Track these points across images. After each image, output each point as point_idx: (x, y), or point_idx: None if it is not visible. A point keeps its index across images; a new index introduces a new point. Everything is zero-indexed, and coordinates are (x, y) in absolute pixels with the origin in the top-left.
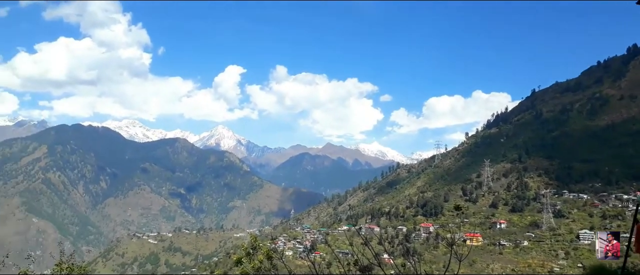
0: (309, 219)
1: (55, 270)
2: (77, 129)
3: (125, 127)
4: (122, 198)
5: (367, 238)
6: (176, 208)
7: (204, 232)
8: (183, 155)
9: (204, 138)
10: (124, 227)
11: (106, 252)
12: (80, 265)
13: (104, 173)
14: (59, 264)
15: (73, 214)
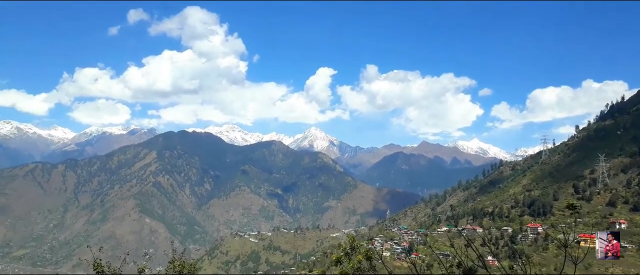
0: (406, 220)
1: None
2: (182, 135)
3: (225, 132)
4: (225, 199)
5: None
6: (274, 208)
7: (301, 232)
8: (279, 157)
9: (297, 140)
10: (227, 227)
11: (211, 251)
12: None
13: (208, 175)
14: (172, 262)
15: (181, 215)
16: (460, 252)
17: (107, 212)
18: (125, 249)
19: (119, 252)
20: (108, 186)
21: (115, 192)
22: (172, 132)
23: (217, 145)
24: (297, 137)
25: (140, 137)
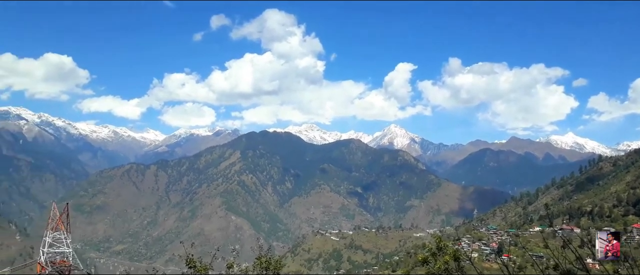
0: (495, 220)
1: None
2: (263, 135)
3: (304, 131)
4: (306, 197)
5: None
6: (355, 207)
7: (383, 231)
8: (358, 155)
9: (377, 138)
10: (309, 225)
11: (294, 248)
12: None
13: (289, 174)
14: (259, 258)
15: (264, 212)
16: (557, 253)
17: (195, 209)
18: (213, 245)
19: (208, 248)
20: (196, 185)
21: (202, 191)
22: (254, 132)
23: (297, 145)
24: (377, 135)
25: (224, 138)
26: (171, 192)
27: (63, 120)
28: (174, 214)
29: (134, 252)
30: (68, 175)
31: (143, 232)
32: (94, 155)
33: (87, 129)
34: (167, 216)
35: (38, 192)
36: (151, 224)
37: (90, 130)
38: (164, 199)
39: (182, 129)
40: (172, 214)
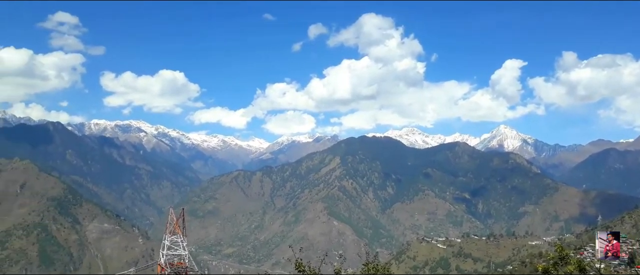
0: (624, 227)
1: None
2: (363, 140)
3: (405, 135)
4: (408, 203)
5: None
6: (462, 213)
7: (494, 239)
8: (464, 159)
9: (484, 140)
10: (413, 231)
11: (398, 255)
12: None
13: (390, 179)
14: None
15: (366, 218)
16: None
17: (299, 214)
18: (316, 250)
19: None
20: (299, 190)
21: (305, 196)
22: (353, 137)
23: (398, 149)
24: (484, 137)
25: (324, 144)
26: (276, 197)
27: (177, 132)
28: (279, 218)
29: (243, 255)
30: (183, 182)
31: (251, 235)
32: (205, 163)
33: (199, 138)
34: (273, 221)
35: (157, 198)
36: (258, 228)
37: (201, 140)
38: (270, 204)
39: (284, 137)
40: (277, 219)
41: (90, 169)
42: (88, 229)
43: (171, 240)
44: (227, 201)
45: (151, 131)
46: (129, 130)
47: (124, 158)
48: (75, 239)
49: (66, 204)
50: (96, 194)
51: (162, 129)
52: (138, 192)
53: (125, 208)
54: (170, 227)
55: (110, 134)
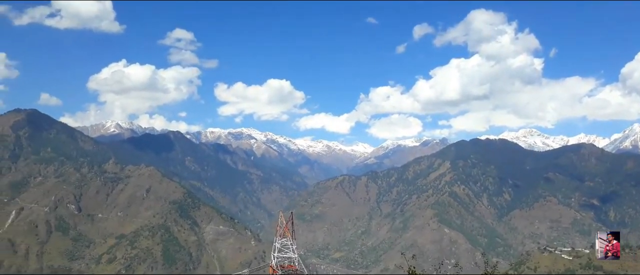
0: None
1: None
2: (475, 143)
3: (522, 137)
4: (528, 210)
5: None
6: (590, 221)
7: (630, 251)
8: (591, 162)
9: (615, 141)
10: (533, 240)
11: (517, 265)
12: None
13: (506, 185)
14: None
15: (480, 226)
16: None
17: (407, 221)
18: (427, 258)
19: (421, 261)
20: (406, 196)
21: (413, 202)
22: (464, 140)
23: (514, 152)
24: (615, 138)
25: (432, 148)
26: (382, 202)
27: (284, 138)
28: (386, 224)
29: (350, 260)
30: (290, 187)
31: (358, 241)
32: (311, 167)
33: (305, 144)
34: (380, 226)
35: (267, 201)
36: (365, 234)
37: (307, 145)
38: (376, 210)
39: (389, 141)
40: (384, 225)
41: (207, 174)
42: (205, 231)
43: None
44: (333, 206)
45: (261, 138)
46: (241, 138)
47: (236, 163)
48: (194, 240)
49: (186, 207)
50: (212, 198)
51: (271, 135)
52: (250, 195)
53: (238, 211)
54: (280, 230)
55: (224, 141)
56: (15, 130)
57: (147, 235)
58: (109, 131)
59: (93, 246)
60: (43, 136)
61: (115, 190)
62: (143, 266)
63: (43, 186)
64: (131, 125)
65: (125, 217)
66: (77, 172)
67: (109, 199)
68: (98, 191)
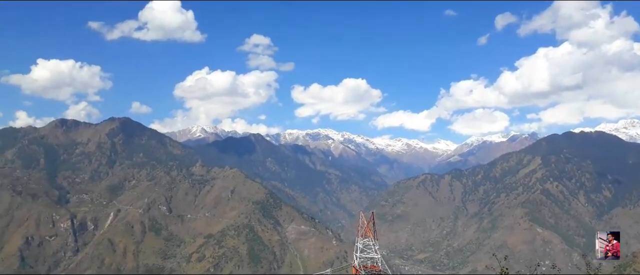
0: None
1: None
2: (568, 137)
3: (622, 128)
4: (632, 208)
5: None
6: None
7: None
8: None
9: None
10: (638, 240)
11: (622, 268)
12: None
13: (605, 181)
14: None
15: (577, 225)
16: None
17: (495, 220)
18: (518, 259)
19: (513, 262)
20: (494, 194)
21: (501, 201)
22: (555, 134)
23: (614, 145)
24: None
25: (521, 143)
26: (468, 201)
27: (362, 137)
28: (472, 224)
29: (436, 262)
30: (369, 186)
31: (443, 241)
32: (391, 167)
33: (383, 143)
34: (466, 227)
35: (346, 201)
36: (450, 234)
37: (385, 144)
38: (461, 209)
39: (474, 137)
40: (470, 225)
41: (287, 175)
42: (287, 230)
43: (363, 243)
44: (415, 205)
45: (338, 138)
46: (318, 138)
47: (315, 164)
48: (277, 240)
49: (268, 207)
50: (293, 198)
51: (348, 135)
52: (329, 195)
53: (318, 211)
54: (361, 230)
55: (302, 142)
56: (111, 138)
57: (233, 235)
58: (195, 136)
59: (183, 245)
60: (135, 142)
61: (202, 192)
62: (230, 264)
63: (137, 189)
64: (215, 130)
65: (212, 217)
66: (167, 175)
67: (196, 200)
68: (187, 193)
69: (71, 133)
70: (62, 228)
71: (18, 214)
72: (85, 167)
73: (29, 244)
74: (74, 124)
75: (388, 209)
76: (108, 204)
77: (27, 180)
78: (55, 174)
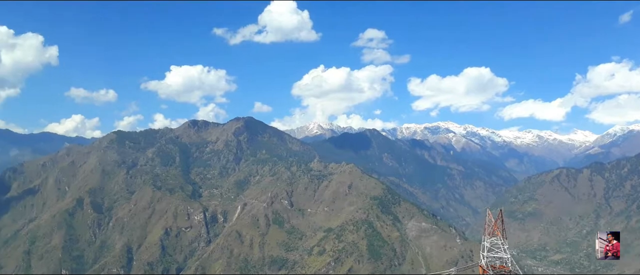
0: None
1: None
2: None
3: None
4: None
5: None
6: None
7: None
8: None
9: None
10: None
11: None
12: None
13: None
14: None
15: None
16: None
17: None
18: None
19: None
20: None
21: None
22: None
23: None
24: None
25: None
26: (612, 198)
27: (486, 130)
28: (618, 223)
29: (574, 263)
30: (496, 182)
31: (582, 242)
32: (520, 161)
33: (511, 135)
34: (610, 226)
35: (470, 198)
36: (591, 234)
37: (513, 136)
38: (604, 207)
39: (618, 126)
40: (616, 224)
41: (405, 170)
42: (407, 227)
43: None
44: (549, 202)
45: (459, 131)
46: (438, 132)
47: (435, 159)
48: (397, 236)
49: (386, 203)
50: (412, 194)
51: (471, 128)
52: (451, 192)
53: (440, 207)
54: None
55: (420, 137)
56: (237, 136)
57: (352, 230)
58: (312, 132)
59: (304, 239)
60: (258, 140)
61: (320, 187)
62: (350, 259)
63: (261, 184)
64: (331, 126)
65: (331, 212)
66: (288, 170)
67: (315, 195)
68: (306, 188)
69: (202, 133)
70: (196, 220)
71: (158, 206)
72: (215, 163)
73: (168, 235)
74: (203, 125)
75: (518, 206)
76: (235, 198)
77: (165, 177)
78: (188, 170)
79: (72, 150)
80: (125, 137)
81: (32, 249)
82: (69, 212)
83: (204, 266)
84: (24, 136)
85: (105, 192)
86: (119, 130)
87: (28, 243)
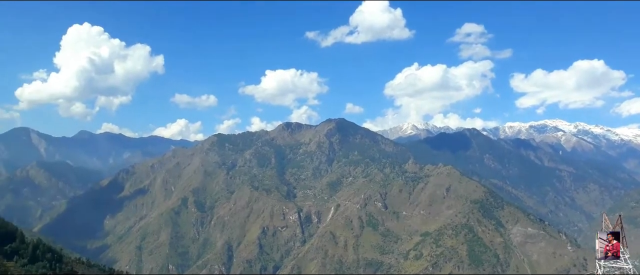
0: None
1: None
2: None
3: None
4: None
5: None
6: None
7: None
8: None
9: None
10: None
11: None
12: None
13: None
14: None
15: None
16: None
17: None
18: None
19: None
20: None
21: None
22: None
23: None
24: None
25: None
26: None
27: (601, 127)
28: None
29: None
30: (613, 185)
31: None
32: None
33: (630, 133)
34: None
35: (583, 202)
36: None
37: (633, 134)
38: None
39: None
40: None
41: (508, 172)
42: (512, 232)
43: None
44: None
45: (569, 129)
46: (545, 131)
47: (541, 160)
48: (500, 242)
49: (488, 207)
50: (516, 197)
51: (583, 125)
52: (561, 195)
53: (548, 212)
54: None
55: (525, 136)
56: (329, 137)
57: (451, 234)
58: (406, 133)
59: (400, 242)
60: (350, 141)
61: (416, 189)
62: (449, 265)
63: (353, 185)
64: (426, 126)
65: (428, 216)
66: (381, 172)
67: (411, 198)
68: (401, 190)
69: (295, 134)
70: (291, 220)
71: (256, 206)
72: (308, 164)
73: (265, 234)
74: (297, 127)
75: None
76: (329, 199)
77: (262, 177)
78: (283, 171)
79: (177, 153)
80: (225, 139)
81: (143, 245)
82: (175, 210)
83: (299, 266)
84: (134, 140)
85: (207, 191)
86: (219, 134)
87: (139, 239)
